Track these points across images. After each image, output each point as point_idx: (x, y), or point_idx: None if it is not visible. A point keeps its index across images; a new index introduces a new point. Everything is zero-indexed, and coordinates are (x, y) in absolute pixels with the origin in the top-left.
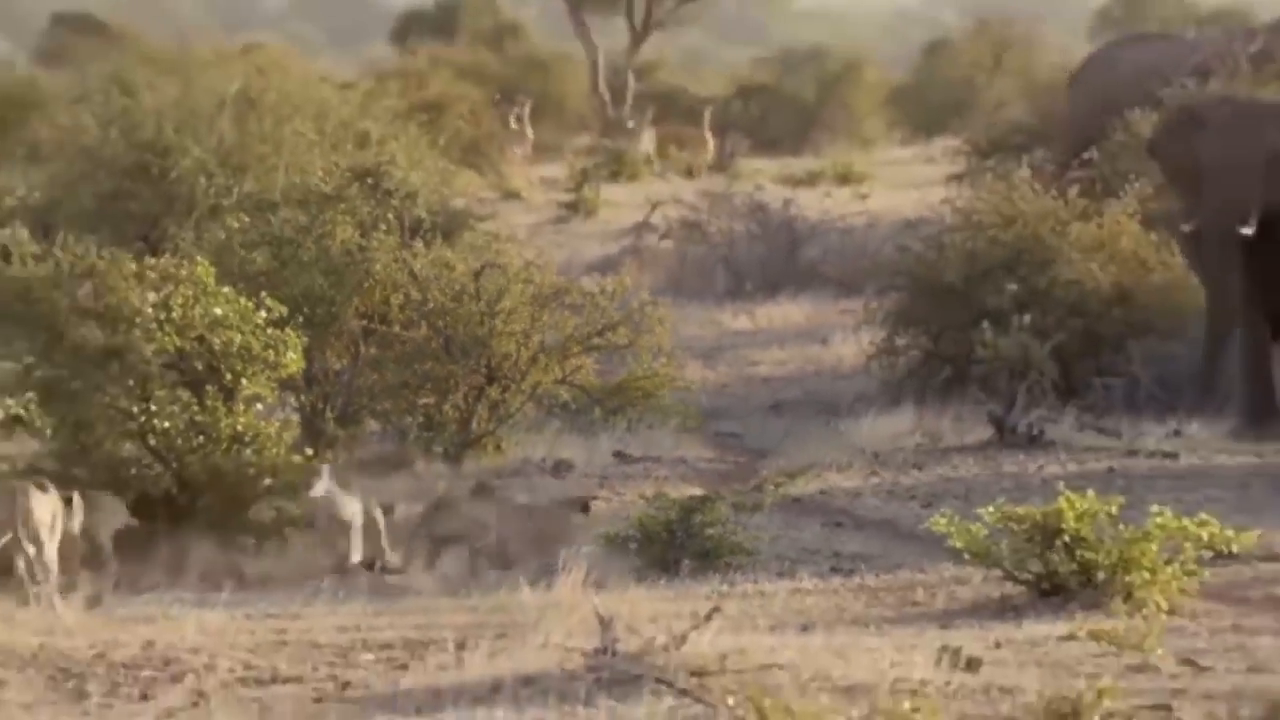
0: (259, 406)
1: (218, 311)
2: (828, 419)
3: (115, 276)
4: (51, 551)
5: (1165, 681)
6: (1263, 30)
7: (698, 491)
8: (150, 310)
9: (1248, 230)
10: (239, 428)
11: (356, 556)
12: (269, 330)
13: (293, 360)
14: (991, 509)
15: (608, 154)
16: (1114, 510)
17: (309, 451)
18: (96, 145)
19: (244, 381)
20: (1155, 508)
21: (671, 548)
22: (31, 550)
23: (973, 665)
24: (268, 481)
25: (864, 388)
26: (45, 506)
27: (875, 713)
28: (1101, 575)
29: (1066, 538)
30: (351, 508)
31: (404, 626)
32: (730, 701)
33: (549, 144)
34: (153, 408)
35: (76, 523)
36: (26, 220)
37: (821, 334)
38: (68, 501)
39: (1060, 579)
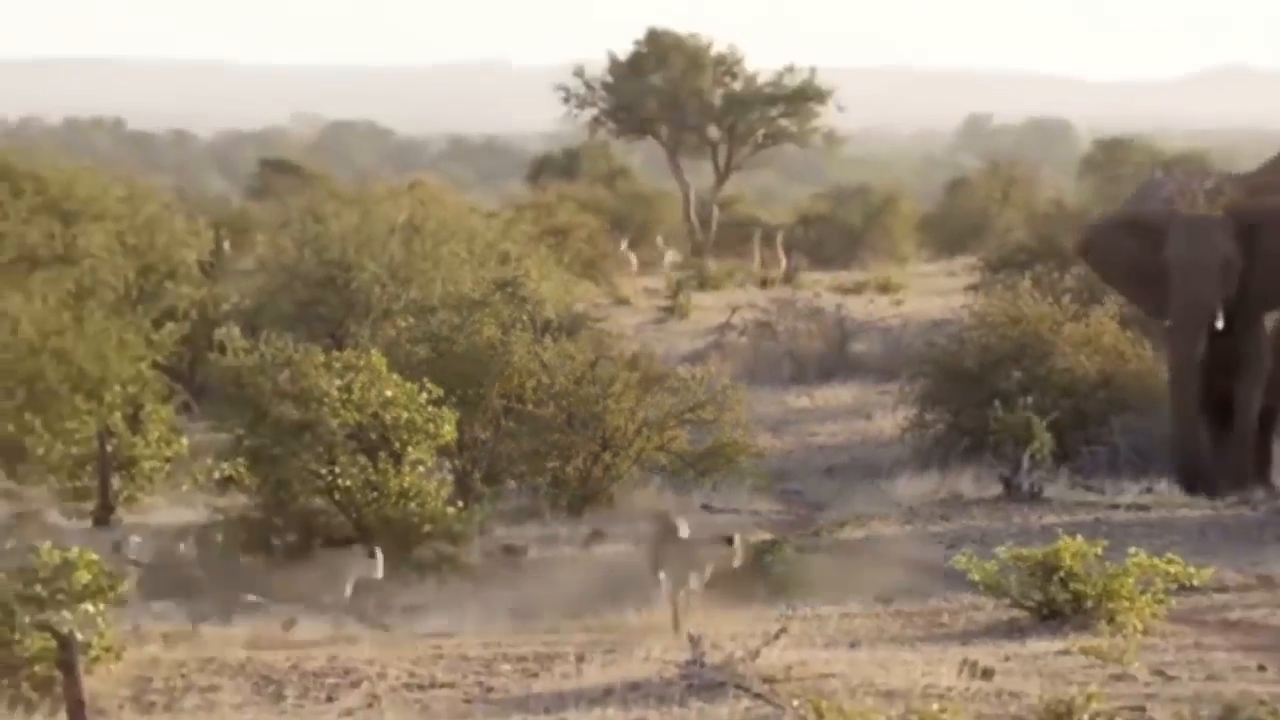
0: (421, 469)
1: (388, 393)
2: (871, 479)
3: (308, 365)
4: None
5: (1140, 688)
6: (1216, 174)
7: (768, 536)
8: (335, 392)
9: (1218, 324)
10: (405, 485)
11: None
12: (429, 408)
13: (448, 431)
14: (1002, 550)
15: (696, 269)
16: (1100, 551)
17: (460, 504)
18: (293, 262)
19: (409, 449)
20: (1132, 549)
21: (748, 580)
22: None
23: (987, 675)
24: (428, 529)
25: (900, 454)
26: None
27: (910, 713)
28: (1090, 603)
29: (1062, 573)
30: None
31: (535, 643)
32: (795, 704)
33: (651, 260)
34: (337, 469)
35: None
36: (239, 321)
37: (866, 411)
38: None
39: (1057, 606)
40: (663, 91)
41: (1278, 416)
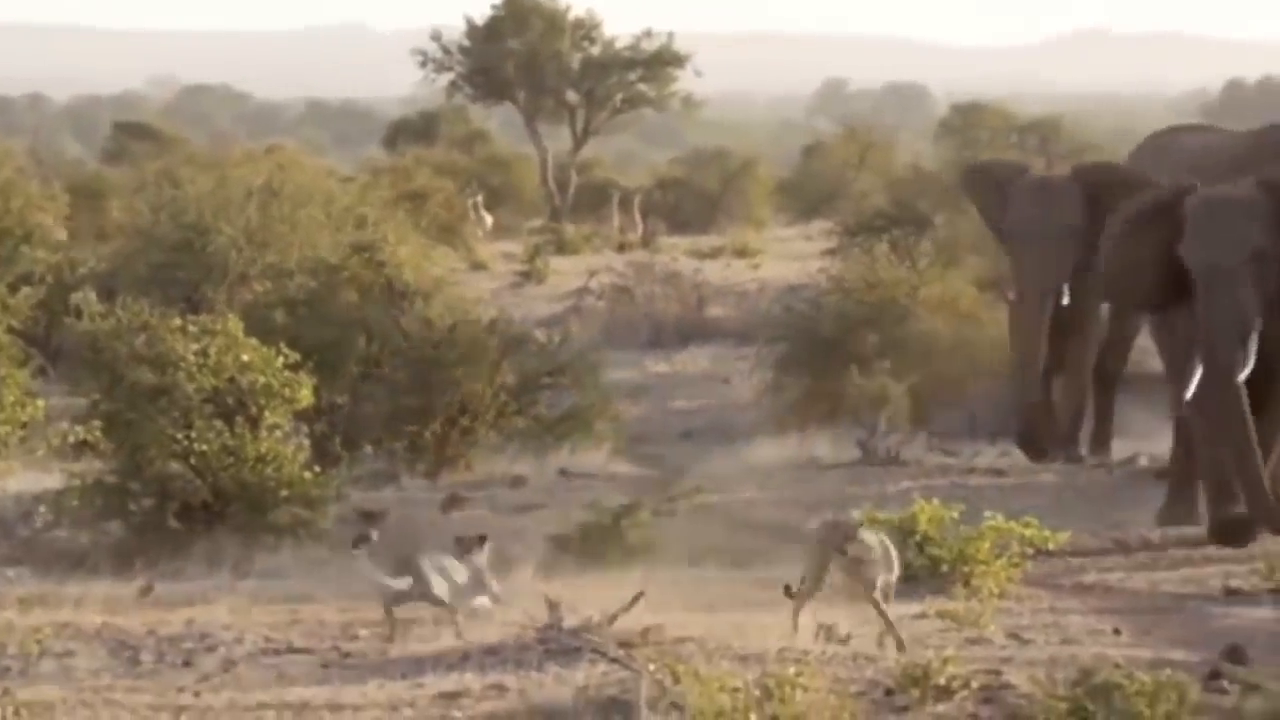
0: (278, 433)
1: (245, 358)
2: (728, 443)
3: (164, 330)
4: None
5: (996, 651)
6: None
7: (626, 501)
8: (191, 357)
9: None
10: (262, 450)
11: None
12: (286, 373)
13: (305, 396)
14: (859, 514)
15: (554, 233)
16: (956, 515)
17: (317, 469)
18: (149, 226)
19: (266, 413)
20: (988, 513)
21: (604, 544)
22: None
23: (844, 639)
24: (285, 493)
25: (757, 419)
26: None
27: (766, 676)
28: (946, 567)
29: (919, 537)
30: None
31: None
32: (651, 668)
33: (508, 225)
34: (193, 434)
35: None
36: (94, 285)
37: (723, 375)
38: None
39: (913, 570)
40: (520, 55)
41: (1118, 381)
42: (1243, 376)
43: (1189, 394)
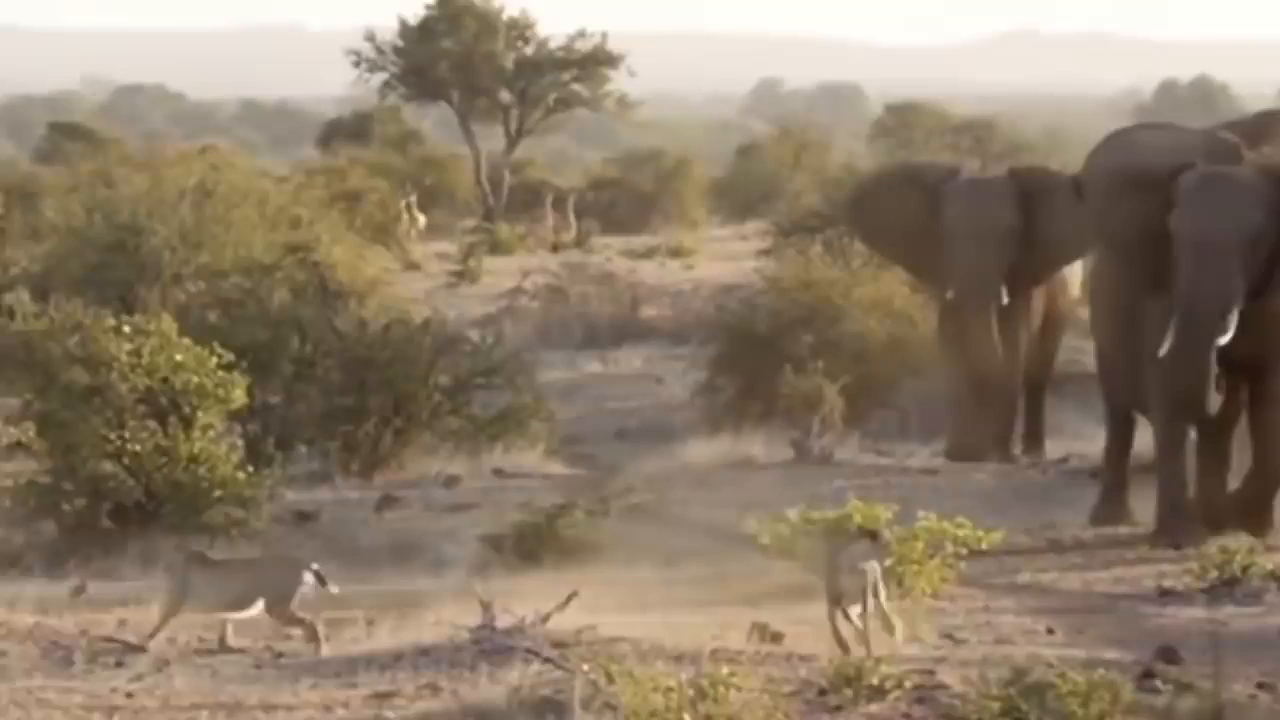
0: (211, 433)
1: (179, 358)
2: (663, 443)
3: (97, 330)
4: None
5: (930, 651)
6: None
7: (559, 500)
8: (125, 357)
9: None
10: (195, 450)
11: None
12: (219, 373)
13: (238, 396)
14: (793, 514)
15: (488, 233)
16: (890, 515)
17: (250, 469)
18: (83, 227)
19: (200, 413)
20: (921, 513)
21: (538, 544)
22: None
23: (777, 638)
24: (218, 493)
25: (691, 419)
26: None
27: (700, 676)
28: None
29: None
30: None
31: (325, 607)
32: (585, 667)
33: (442, 226)
34: (127, 434)
35: None
36: (28, 286)
37: (657, 376)
38: None
39: None
40: (454, 55)
41: (1047, 381)
42: (1221, 340)
43: (1162, 352)
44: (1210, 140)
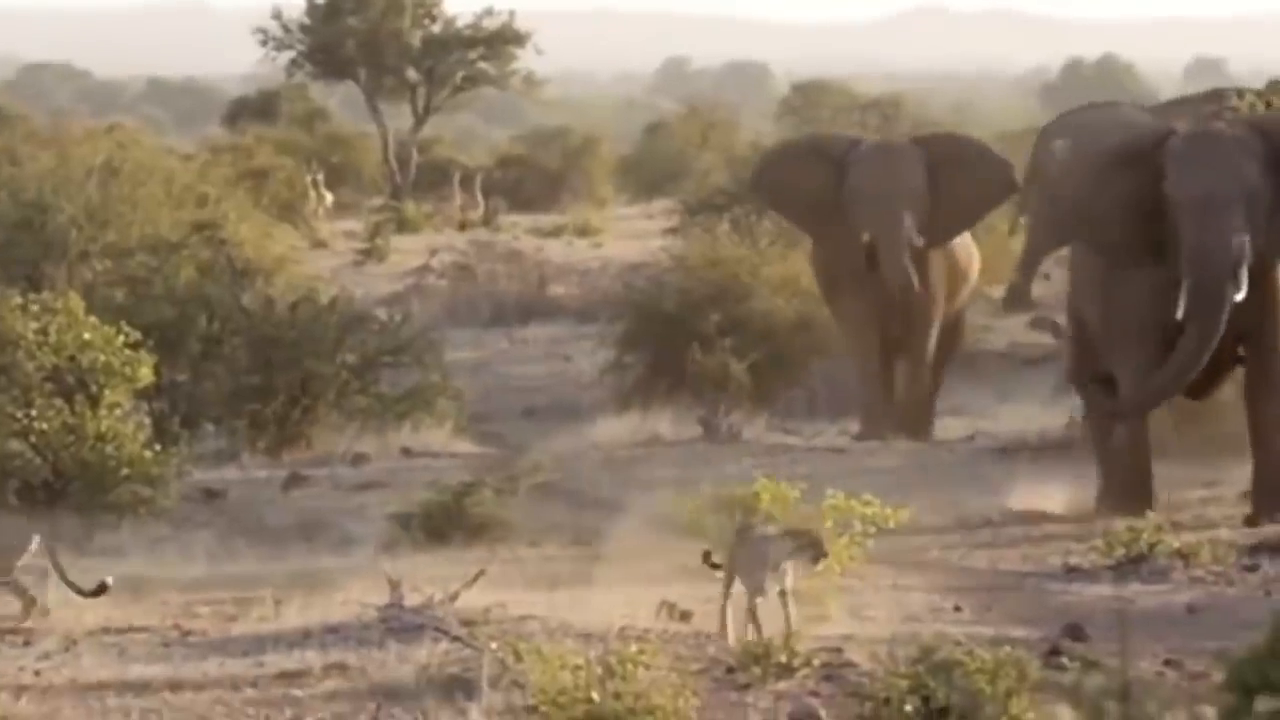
0: (118, 411)
1: (86, 336)
2: (571, 422)
3: (3, 308)
4: None
5: (838, 629)
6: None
7: (467, 479)
8: (31, 335)
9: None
10: (102, 428)
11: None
12: (126, 351)
13: (145, 374)
14: (704, 491)
15: (395, 211)
16: (797, 494)
17: (158, 447)
18: None
19: (106, 392)
20: (829, 492)
21: (446, 523)
22: None
23: (685, 617)
24: (125, 471)
25: (599, 397)
26: None
27: (608, 654)
28: None
29: (761, 514)
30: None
31: (233, 586)
32: (493, 646)
33: (349, 203)
34: (33, 413)
35: None
36: None
37: (565, 353)
38: None
39: None
40: (361, 34)
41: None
42: (1237, 297)
43: (1180, 312)
44: (1182, 109)
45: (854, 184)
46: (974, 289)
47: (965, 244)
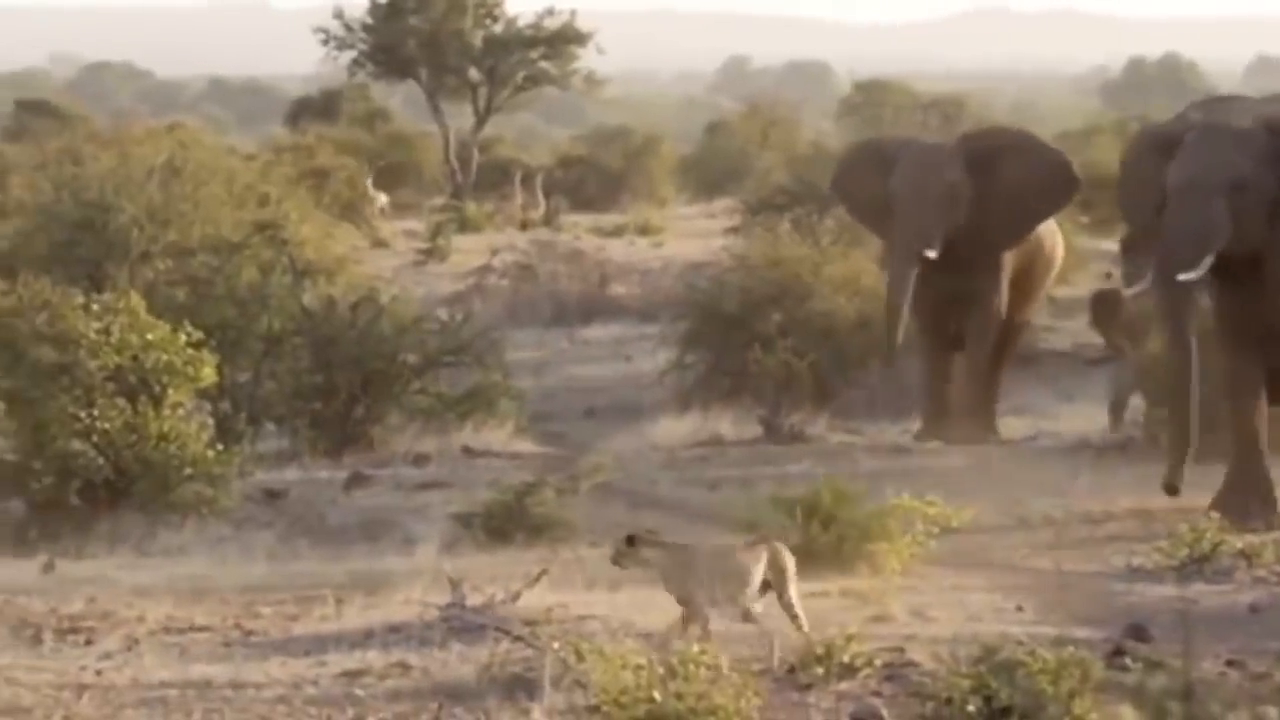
0: (181, 411)
1: (148, 336)
2: (632, 421)
3: (66, 308)
4: None
5: (900, 629)
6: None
7: (529, 479)
8: (94, 335)
9: (931, 254)
10: (165, 428)
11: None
12: (189, 350)
13: (207, 374)
14: (768, 493)
15: (457, 211)
16: (860, 493)
17: (220, 447)
18: (51, 204)
19: (169, 391)
20: (892, 491)
21: (507, 522)
22: None
23: (748, 616)
24: (188, 471)
25: (660, 396)
26: None
27: (669, 654)
28: (850, 545)
29: (822, 515)
30: None
31: (294, 586)
32: (555, 646)
33: (411, 204)
34: (96, 412)
35: None
36: None
37: (626, 353)
38: None
39: (817, 548)
40: (423, 33)
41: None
42: (1192, 275)
43: (1134, 291)
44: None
45: (894, 184)
46: (1043, 283)
47: (1051, 230)
